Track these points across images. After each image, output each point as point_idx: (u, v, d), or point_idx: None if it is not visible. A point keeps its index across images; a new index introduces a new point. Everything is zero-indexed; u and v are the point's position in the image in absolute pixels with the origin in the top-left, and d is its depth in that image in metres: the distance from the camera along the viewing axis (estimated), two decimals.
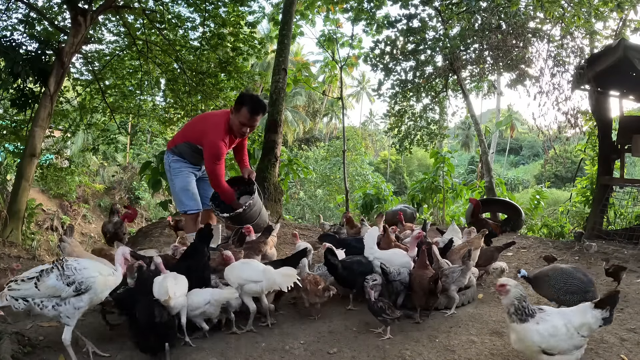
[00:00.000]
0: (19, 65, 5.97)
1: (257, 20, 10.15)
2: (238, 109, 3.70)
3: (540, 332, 2.22)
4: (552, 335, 2.21)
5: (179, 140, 3.98)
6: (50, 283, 2.29)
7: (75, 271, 2.34)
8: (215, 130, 3.70)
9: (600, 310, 2.24)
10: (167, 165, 4.02)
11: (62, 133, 10.45)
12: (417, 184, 10.48)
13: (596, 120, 6.53)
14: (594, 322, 2.23)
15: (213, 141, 3.67)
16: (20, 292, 2.29)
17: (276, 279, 2.89)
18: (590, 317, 2.24)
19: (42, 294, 2.29)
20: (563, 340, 2.21)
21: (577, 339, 2.22)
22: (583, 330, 2.23)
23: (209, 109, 10.60)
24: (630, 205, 7.16)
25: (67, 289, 2.30)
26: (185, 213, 3.97)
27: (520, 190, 28.18)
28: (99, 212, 18.27)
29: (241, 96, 3.80)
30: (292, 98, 32.48)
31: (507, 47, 8.58)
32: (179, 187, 3.97)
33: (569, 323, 2.23)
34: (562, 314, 2.30)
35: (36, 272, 2.33)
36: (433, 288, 3.03)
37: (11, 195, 6.11)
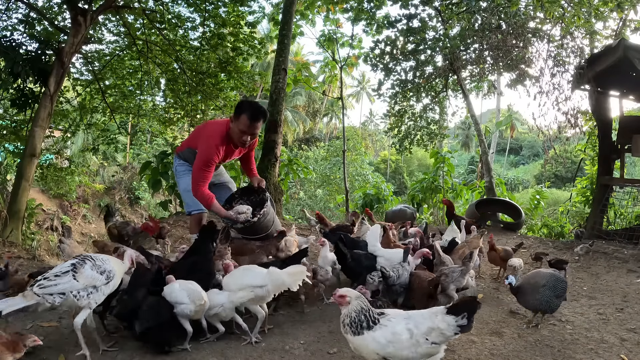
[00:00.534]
0: (19, 65, 5.96)
1: (257, 20, 10.14)
2: (237, 116, 3.59)
3: (377, 340, 2.03)
4: (391, 342, 2.02)
5: (184, 147, 4.00)
6: (88, 274, 2.45)
7: (103, 262, 2.57)
8: (211, 137, 3.61)
9: (453, 316, 2.03)
10: (174, 168, 4.12)
11: (62, 133, 10.44)
12: (417, 184, 10.48)
13: (596, 120, 6.53)
14: (445, 328, 2.02)
15: (205, 148, 3.57)
16: (59, 287, 2.37)
17: (284, 279, 2.73)
18: (441, 322, 2.04)
19: (81, 285, 2.42)
20: (406, 348, 2.01)
21: (424, 346, 2.02)
22: (433, 337, 2.03)
23: (209, 109, 10.59)
24: (630, 205, 7.16)
25: (101, 277, 2.49)
26: (190, 214, 4.01)
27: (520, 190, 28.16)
28: (99, 212, 18.26)
29: (240, 103, 3.71)
30: (292, 98, 32.47)
31: (507, 47, 8.57)
32: (182, 189, 4.00)
33: (414, 328, 2.04)
34: (408, 318, 2.10)
35: (68, 267, 2.44)
36: (433, 292, 3.02)
37: (11, 195, 6.10)
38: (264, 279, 2.75)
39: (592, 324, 3.11)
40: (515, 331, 2.99)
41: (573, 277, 4.31)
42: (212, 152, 3.56)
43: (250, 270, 2.87)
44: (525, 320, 3.17)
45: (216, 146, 3.57)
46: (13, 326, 2.94)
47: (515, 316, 3.27)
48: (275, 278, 2.74)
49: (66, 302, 2.40)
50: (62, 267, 2.47)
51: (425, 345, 2.02)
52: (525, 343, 2.82)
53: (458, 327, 2.03)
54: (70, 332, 2.86)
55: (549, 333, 2.96)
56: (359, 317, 2.09)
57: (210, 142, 3.58)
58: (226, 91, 10.20)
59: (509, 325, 3.09)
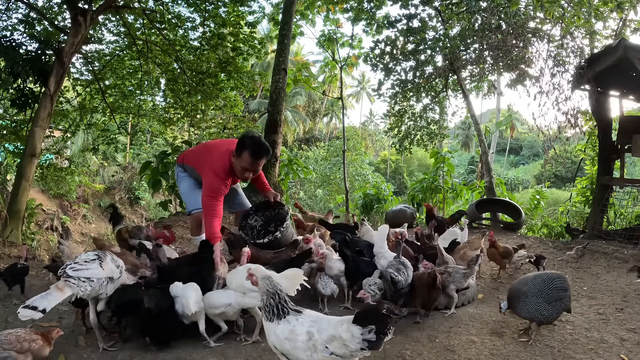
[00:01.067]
0: (19, 65, 5.96)
1: (257, 20, 10.14)
2: (239, 153, 3.40)
3: (277, 334, 1.97)
4: (287, 339, 1.93)
5: (187, 161, 3.93)
6: (110, 265, 2.65)
7: (117, 258, 2.79)
8: (217, 171, 3.45)
9: (359, 327, 1.83)
10: (175, 174, 4.21)
11: (62, 133, 10.44)
12: (417, 184, 10.47)
13: (596, 120, 6.53)
14: (349, 340, 1.84)
15: (213, 183, 3.44)
16: (89, 272, 2.53)
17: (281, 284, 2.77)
18: (344, 331, 1.86)
19: (105, 274, 2.59)
20: (301, 350, 1.90)
21: (322, 354, 1.87)
22: (334, 346, 1.86)
23: (209, 109, 10.59)
24: (630, 205, 7.15)
25: (117, 271, 2.69)
26: (190, 214, 4.02)
27: (520, 190, 28.16)
28: (98, 212, 18.25)
29: (242, 140, 3.44)
30: (292, 98, 32.47)
31: (507, 47, 8.57)
32: (182, 191, 4.08)
33: (316, 333, 1.91)
34: (315, 321, 1.98)
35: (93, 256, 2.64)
36: (432, 283, 3.03)
37: (11, 195, 6.09)
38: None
39: (592, 324, 3.11)
40: (515, 331, 2.99)
41: (573, 277, 4.31)
42: (217, 184, 3.43)
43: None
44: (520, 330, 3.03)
45: (222, 180, 3.46)
46: (13, 325, 2.95)
47: (515, 316, 3.27)
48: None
49: (92, 290, 2.52)
50: (88, 255, 2.66)
51: (323, 353, 1.88)
52: (525, 343, 2.82)
53: (365, 342, 1.82)
54: (70, 332, 2.86)
55: (549, 333, 2.96)
56: (269, 301, 2.03)
57: (212, 178, 3.43)
58: (226, 91, 10.20)
59: (509, 325, 3.09)
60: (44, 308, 2.23)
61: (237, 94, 10.87)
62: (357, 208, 11.15)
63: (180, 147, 8.56)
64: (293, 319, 1.99)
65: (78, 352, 2.61)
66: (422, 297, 3.10)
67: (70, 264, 2.55)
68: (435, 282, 3.03)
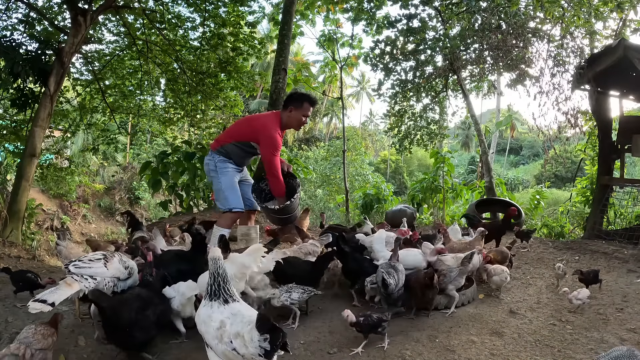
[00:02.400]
0: (19, 65, 5.97)
1: (257, 20, 10.14)
2: (299, 105, 4.02)
3: (199, 314, 2.09)
4: (204, 322, 2.04)
5: (226, 141, 4.09)
6: (116, 266, 2.68)
7: (127, 259, 2.81)
8: (271, 125, 3.95)
9: (258, 332, 1.84)
10: (212, 165, 4.10)
11: (62, 133, 10.45)
12: (417, 184, 10.47)
13: (596, 120, 6.53)
14: (249, 341, 1.86)
15: (271, 134, 3.90)
16: (93, 270, 2.57)
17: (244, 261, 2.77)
18: (248, 332, 1.88)
19: (110, 274, 2.62)
20: (211, 335, 1.98)
21: (224, 347, 1.91)
22: (237, 343, 1.89)
23: (209, 109, 10.59)
24: (630, 205, 7.15)
25: (124, 272, 2.72)
26: (230, 211, 4.01)
27: (520, 190, 28.16)
28: (99, 212, 18.27)
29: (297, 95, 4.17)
30: None
31: (507, 47, 8.57)
32: (225, 185, 4.04)
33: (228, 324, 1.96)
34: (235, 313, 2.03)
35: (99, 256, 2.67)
36: (429, 282, 3.02)
37: (11, 195, 6.10)
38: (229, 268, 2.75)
39: (592, 324, 3.10)
40: (515, 331, 2.99)
41: (573, 277, 4.30)
42: (278, 138, 3.94)
43: None
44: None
45: (279, 134, 3.97)
46: (13, 325, 2.94)
47: (515, 316, 3.27)
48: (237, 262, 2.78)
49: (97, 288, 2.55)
50: (95, 255, 2.70)
51: (226, 346, 1.91)
52: (525, 343, 2.82)
53: (262, 349, 1.83)
54: (70, 332, 2.86)
55: (549, 333, 2.96)
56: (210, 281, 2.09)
57: (274, 130, 3.91)
58: (226, 91, 10.21)
59: (509, 325, 3.09)
60: (53, 301, 2.27)
61: (237, 94, 10.87)
62: (357, 208, 11.15)
63: (180, 147, 8.56)
64: (216, 305, 2.07)
65: (78, 352, 2.61)
66: (418, 296, 3.10)
67: (75, 261, 2.61)
68: (432, 282, 3.02)
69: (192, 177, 7.89)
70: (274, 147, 3.92)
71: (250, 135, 4.02)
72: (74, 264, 2.58)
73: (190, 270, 2.97)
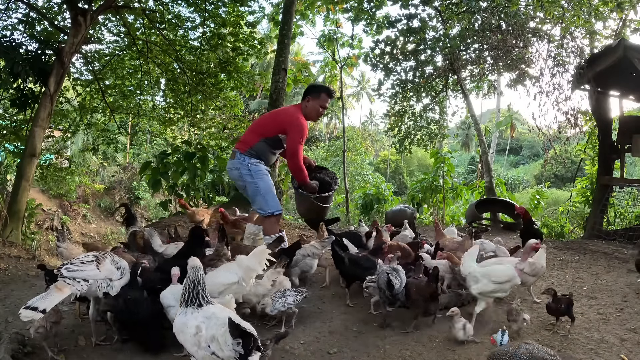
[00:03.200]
0: (19, 65, 5.95)
1: (257, 20, 10.14)
2: (316, 95, 4.10)
3: (176, 323, 2.10)
4: (180, 330, 2.05)
5: (254, 140, 4.02)
6: (108, 267, 2.66)
7: (119, 260, 2.80)
8: (298, 114, 4.02)
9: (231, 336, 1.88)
10: (244, 169, 3.94)
11: (62, 133, 10.44)
12: (417, 184, 10.47)
13: (596, 120, 6.53)
14: (223, 344, 1.91)
15: (300, 123, 3.95)
16: (84, 273, 2.55)
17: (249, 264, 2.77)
18: (222, 335, 1.93)
19: (102, 276, 2.61)
20: (190, 343, 2.00)
21: (203, 352, 1.94)
22: (214, 347, 1.92)
23: (209, 109, 10.59)
24: (630, 205, 7.15)
25: (117, 272, 2.70)
26: (273, 214, 3.93)
27: (520, 190, 28.15)
28: (98, 212, 18.25)
29: (314, 86, 4.37)
30: (292, 98, 32.40)
31: (507, 47, 8.57)
32: (264, 189, 3.94)
33: (204, 329, 1.98)
34: (209, 317, 2.06)
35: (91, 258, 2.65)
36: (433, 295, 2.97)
37: (11, 195, 6.09)
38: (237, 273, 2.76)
39: (592, 324, 3.10)
40: (515, 331, 2.99)
41: (573, 277, 4.31)
42: (305, 127, 4.00)
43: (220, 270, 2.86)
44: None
45: (305, 123, 4.03)
46: (13, 325, 2.95)
47: None
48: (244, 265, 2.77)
49: (89, 290, 2.57)
50: (86, 257, 2.68)
51: (205, 351, 1.94)
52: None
53: (236, 352, 1.88)
54: (70, 332, 2.86)
55: (549, 333, 2.96)
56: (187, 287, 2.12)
57: (301, 122, 3.97)
58: (226, 91, 10.19)
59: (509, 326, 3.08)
60: (44, 308, 2.25)
61: (237, 94, 10.86)
62: (357, 208, 11.15)
63: (180, 147, 8.56)
64: (189, 311, 2.09)
65: (78, 352, 2.61)
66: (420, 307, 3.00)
67: (66, 264, 2.58)
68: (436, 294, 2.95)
69: (192, 177, 7.88)
70: (301, 135, 3.94)
71: (279, 127, 4.01)
72: (66, 267, 2.54)
73: None
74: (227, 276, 2.75)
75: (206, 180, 8.50)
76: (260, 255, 2.78)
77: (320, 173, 4.56)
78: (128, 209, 4.41)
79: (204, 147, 8.26)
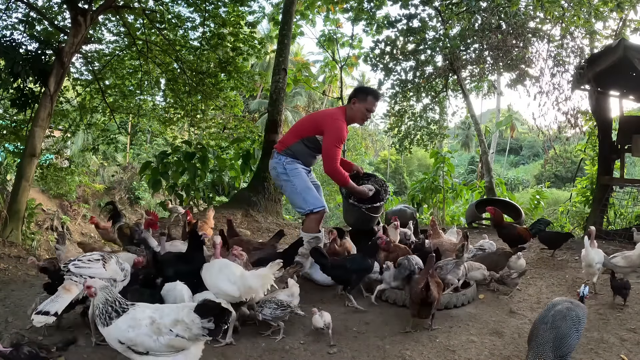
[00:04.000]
0: (19, 65, 5.95)
1: (257, 20, 10.14)
2: (363, 98, 3.97)
3: (119, 326, 2.05)
4: (131, 327, 2.03)
5: (292, 141, 3.97)
6: (113, 267, 2.69)
7: (123, 261, 2.82)
8: (337, 115, 3.91)
9: (199, 317, 2.03)
10: (280, 167, 3.93)
11: (62, 133, 10.44)
12: (417, 184, 10.47)
13: (596, 120, 6.53)
14: (190, 324, 2.02)
15: (338, 125, 3.83)
16: (92, 270, 2.59)
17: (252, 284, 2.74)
18: (186, 316, 2.04)
19: (107, 275, 2.63)
20: (146, 335, 2.01)
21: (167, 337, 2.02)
22: (178, 329, 2.03)
23: (209, 109, 10.59)
24: (630, 205, 7.15)
25: (121, 274, 2.73)
26: (312, 212, 3.85)
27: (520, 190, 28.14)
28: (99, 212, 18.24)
29: (362, 89, 4.19)
30: (292, 98, 32.41)
31: (507, 47, 8.57)
32: (301, 187, 3.88)
33: (159, 318, 2.06)
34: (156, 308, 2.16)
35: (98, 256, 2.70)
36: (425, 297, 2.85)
37: (11, 195, 6.09)
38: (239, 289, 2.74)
39: (592, 324, 3.10)
40: (515, 331, 2.99)
41: (573, 277, 4.31)
42: (343, 129, 3.86)
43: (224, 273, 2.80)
44: None
45: (344, 126, 3.89)
46: (13, 325, 2.95)
47: (515, 316, 3.27)
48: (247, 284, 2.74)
49: None
50: (93, 255, 2.72)
51: (169, 335, 2.01)
52: (525, 343, 2.81)
53: (205, 329, 2.02)
54: (70, 332, 2.86)
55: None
56: (106, 308, 2.11)
57: (341, 121, 3.85)
58: (226, 91, 10.20)
59: (509, 325, 3.09)
60: (56, 311, 2.29)
61: (237, 94, 10.87)
62: None
63: (180, 147, 8.56)
64: (131, 310, 2.11)
65: (78, 352, 2.61)
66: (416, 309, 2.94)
67: (74, 260, 2.63)
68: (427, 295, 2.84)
69: (192, 177, 7.89)
70: (337, 138, 3.80)
71: (316, 127, 3.91)
72: (73, 263, 2.59)
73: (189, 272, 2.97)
74: (228, 287, 2.73)
75: (206, 180, 8.50)
76: (264, 279, 2.76)
77: (368, 180, 4.38)
78: (114, 207, 4.51)
79: (204, 147, 8.28)
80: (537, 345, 2.20)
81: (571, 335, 2.22)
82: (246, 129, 10.65)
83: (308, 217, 3.88)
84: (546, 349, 2.17)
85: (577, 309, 2.34)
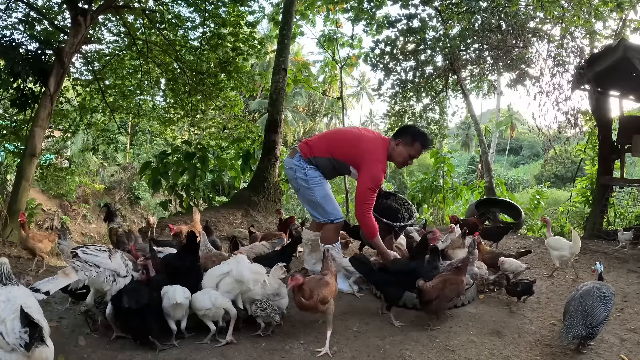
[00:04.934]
0: (19, 65, 5.96)
1: (257, 20, 10.15)
2: (411, 142, 3.62)
3: None
4: None
5: (320, 154, 3.69)
6: (118, 260, 2.74)
7: (126, 257, 2.85)
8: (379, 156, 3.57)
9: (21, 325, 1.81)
10: (300, 172, 3.70)
11: (62, 133, 10.45)
12: (417, 184, 10.48)
13: (596, 120, 6.53)
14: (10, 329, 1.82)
15: (378, 168, 3.52)
16: (98, 259, 2.61)
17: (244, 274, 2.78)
18: (11, 321, 1.86)
19: (112, 267, 2.67)
20: None
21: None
22: (2, 328, 1.84)
23: (209, 109, 10.60)
24: (630, 205, 7.16)
25: (124, 269, 2.76)
26: (332, 222, 3.72)
27: (520, 190, 28.14)
28: (98, 212, 18.25)
29: (413, 130, 3.77)
30: (292, 98, 32.43)
31: (507, 47, 8.57)
32: (321, 196, 3.70)
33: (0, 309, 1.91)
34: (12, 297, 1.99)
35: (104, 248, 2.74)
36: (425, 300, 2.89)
37: (11, 195, 6.10)
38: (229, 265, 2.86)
39: None
40: (515, 331, 2.99)
41: (573, 277, 4.31)
42: (381, 173, 3.54)
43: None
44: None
45: (384, 170, 3.59)
46: None
47: (515, 316, 3.27)
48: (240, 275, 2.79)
49: (97, 279, 2.59)
50: (101, 246, 2.77)
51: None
52: (525, 343, 2.82)
53: (22, 339, 1.80)
54: (70, 332, 2.85)
55: (549, 333, 2.96)
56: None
57: (379, 166, 3.52)
58: (226, 91, 10.21)
59: (509, 325, 3.09)
60: (47, 290, 2.24)
61: (237, 94, 10.88)
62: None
63: (180, 147, 8.56)
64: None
65: (78, 352, 2.60)
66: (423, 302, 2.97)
67: (82, 247, 2.68)
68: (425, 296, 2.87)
69: (192, 177, 7.90)
70: (375, 182, 3.49)
71: (352, 158, 3.61)
72: (81, 249, 2.63)
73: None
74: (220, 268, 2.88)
75: (206, 180, 8.51)
76: (256, 276, 2.80)
77: (388, 199, 4.23)
78: (109, 208, 4.56)
79: (204, 147, 8.28)
80: (568, 317, 2.57)
81: (597, 308, 2.52)
82: (246, 129, 10.67)
83: (326, 227, 3.75)
84: (576, 320, 2.52)
85: (603, 287, 2.64)
